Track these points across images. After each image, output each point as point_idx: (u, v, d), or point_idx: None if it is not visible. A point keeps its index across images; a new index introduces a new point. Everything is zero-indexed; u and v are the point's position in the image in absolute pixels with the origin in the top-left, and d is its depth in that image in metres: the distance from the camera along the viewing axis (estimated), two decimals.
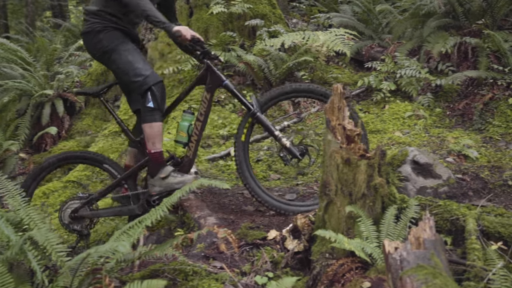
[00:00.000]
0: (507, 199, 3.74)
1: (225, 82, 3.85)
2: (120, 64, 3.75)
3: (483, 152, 4.56)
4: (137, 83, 3.69)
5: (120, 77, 3.85)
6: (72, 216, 3.89)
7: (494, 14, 6.23)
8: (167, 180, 3.77)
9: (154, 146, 3.75)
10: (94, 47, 3.82)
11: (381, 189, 2.98)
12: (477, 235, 2.88)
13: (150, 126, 3.72)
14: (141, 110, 3.78)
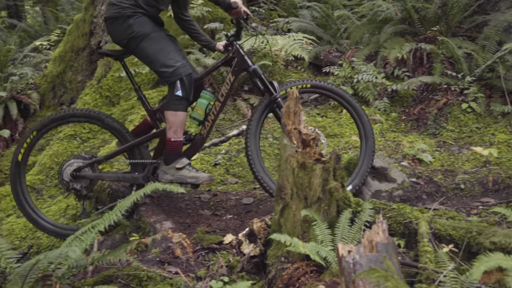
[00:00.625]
0: (459, 202, 3.82)
1: (254, 67, 3.87)
2: (150, 52, 3.70)
3: (437, 156, 4.65)
4: (166, 73, 3.68)
5: (146, 64, 3.82)
6: (74, 174, 3.85)
7: (449, 21, 6.37)
8: (182, 172, 3.77)
9: (176, 135, 3.73)
10: (122, 33, 3.72)
11: (336, 193, 3.00)
12: (429, 238, 2.94)
13: (174, 115, 3.70)
14: (167, 97, 3.75)
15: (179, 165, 3.77)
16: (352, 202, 3.16)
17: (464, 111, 5.36)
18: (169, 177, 3.78)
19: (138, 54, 3.79)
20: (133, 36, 3.69)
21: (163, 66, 3.68)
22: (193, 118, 3.96)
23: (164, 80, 3.76)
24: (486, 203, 3.66)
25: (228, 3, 3.66)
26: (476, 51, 5.85)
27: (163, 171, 3.80)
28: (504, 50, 5.26)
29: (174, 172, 3.77)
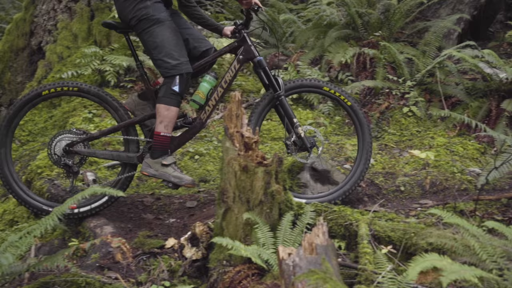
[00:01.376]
0: (399, 204, 3.91)
1: (259, 58, 3.86)
2: (159, 39, 3.62)
3: (378, 159, 4.74)
4: (167, 64, 3.62)
5: (150, 53, 3.71)
6: (66, 149, 3.76)
7: (391, 26, 6.52)
8: (167, 169, 3.70)
9: (166, 130, 3.66)
10: (135, 11, 3.61)
11: (278, 196, 3.02)
12: (369, 240, 2.99)
13: (168, 109, 3.64)
14: (162, 91, 3.67)
15: (166, 161, 3.71)
16: (294, 205, 3.19)
17: (405, 115, 5.49)
18: (153, 171, 3.71)
19: (145, 36, 3.67)
20: (147, 17, 3.61)
21: (168, 56, 3.62)
22: (194, 101, 3.92)
23: (163, 70, 3.67)
24: (424, 204, 3.76)
25: None
26: (417, 56, 6.00)
27: (148, 164, 3.73)
28: (443, 55, 5.41)
29: (159, 167, 3.70)
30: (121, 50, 5.96)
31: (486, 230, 2.90)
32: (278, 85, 3.85)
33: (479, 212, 3.40)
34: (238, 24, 3.90)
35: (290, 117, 3.87)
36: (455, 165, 4.46)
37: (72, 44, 6.03)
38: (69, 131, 3.83)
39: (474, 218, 3.31)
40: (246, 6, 3.75)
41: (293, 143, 3.84)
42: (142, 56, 5.32)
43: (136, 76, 5.82)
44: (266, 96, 3.91)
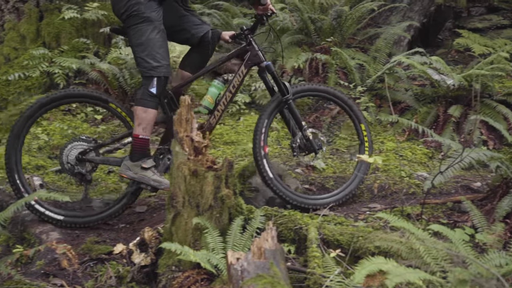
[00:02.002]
0: (348, 208, 3.94)
1: (267, 63, 3.89)
2: (145, 38, 3.59)
3: (329, 163, 4.78)
4: (147, 64, 3.59)
5: (132, 45, 3.67)
6: (79, 158, 3.72)
7: (343, 32, 6.60)
8: (146, 172, 3.64)
9: (144, 132, 3.62)
10: (126, 6, 3.58)
11: (228, 200, 3.01)
12: (318, 244, 3.01)
13: (145, 111, 3.60)
14: (140, 93, 3.65)
15: (146, 165, 3.65)
16: (245, 210, 3.19)
17: None
18: (132, 174, 3.65)
19: (132, 32, 3.63)
20: (138, 14, 3.58)
21: (150, 57, 3.59)
22: (204, 106, 3.93)
23: (142, 69, 3.64)
24: (373, 208, 3.81)
25: (258, 0, 3.71)
26: (368, 62, 6.10)
27: (127, 166, 3.66)
28: (393, 62, 5.51)
29: (138, 170, 3.65)
30: (70, 52, 5.87)
31: (432, 233, 2.97)
32: (286, 89, 3.88)
33: (426, 216, 3.47)
34: (245, 29, 3.90)
35: (298, 120, 3.94)
36: (403, 169, 4.54)
37: (20, 45, 5.91)
38: (80, 139, 3.80)
39: (421, 222, 3.37)
40: (261, 12, 3.81)
41: (298, 146, 3.91)
42: None
43: (86, 79, 5.74)
44: (274, 100, 3.93)
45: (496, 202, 3.39)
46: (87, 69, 5.63)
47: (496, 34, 7.67)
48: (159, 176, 3.68)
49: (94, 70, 5.61)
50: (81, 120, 5.42)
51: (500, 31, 7.82)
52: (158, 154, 3.81)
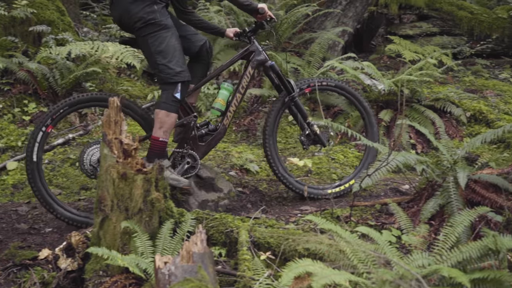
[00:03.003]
0: (281, 210, 3.97)
1: (271, 63, 4.08)
2: (164, 45, 3.64)
3: (263, 166, 4.80)
4: (170, 71, 3.65)
5: (150, 52, 3.69)
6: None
7: (278, 36, 6.65)
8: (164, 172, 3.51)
9: (164, 135, 3.69)
10: (141, 14, 3.60)
11: (158, 203, 2.98)
12: (249, 246, 3.01)
13: (168, 115, 3.67)
14: (163, 97, 3.71)
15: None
16: (175, 213, 3.16)
17: (290, 123, 5.62)
18: None
19: (150, 40, 3.65)
20: (155, 22, 3.62)
21: (172, 63, 3.65)
22: (216, 108, 4.05)
23: (165, 76, 3.67)
24: (304, 211, 3.85)
25: (255, 9, 3.90)
26: (303, 66, 6.17)
27: None
28: (326, 66, 5.59)
29: None
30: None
31: (360, 235, 3.03)
32: (291, 87, 4.08)
33: (355, 218, 3.53)
34: (248, 31, 4.05)
35: (304, 116, 4.16)
36: (335, 172, 4.62)
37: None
38: (93, 143, 3.78)
39: (350, 224, 3.43)
40: (260, 19, 3.99)
41: (307, 139, 4.12)
42: None
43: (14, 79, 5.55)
44: (280, 98, 4.14)
45: (422, 204, 3.49)
46: (14, 68, 5.44)
47: (426, 41, 7.94)
48: (176, 175, 3.74)
49: (22, 69, 5.42)
50: (8, 121, 5.23)
51: (430, 38, 8.11)
52: (177, 158, 3.90)
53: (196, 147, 3.91)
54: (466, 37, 8.08)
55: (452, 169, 3.42)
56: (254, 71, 4.10)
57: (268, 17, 3.99)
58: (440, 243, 2.64)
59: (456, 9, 8.05)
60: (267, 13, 3.95)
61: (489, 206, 3.17)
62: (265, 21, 4.01)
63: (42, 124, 3.67)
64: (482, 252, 2.45)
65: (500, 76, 6.96)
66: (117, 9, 3.74)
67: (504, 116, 5.36)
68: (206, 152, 4.00)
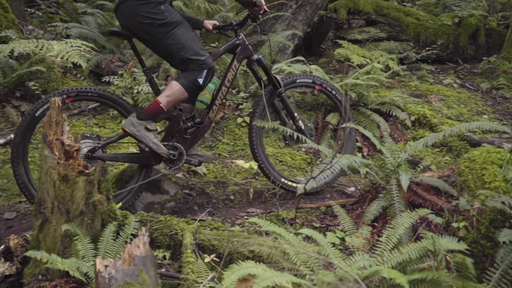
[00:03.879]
0: (228, 212, 3.97)
1: (258, 57, 4.14)
2: (182, 40, 3.71)
3: (211, 168, 4.79)
4: (197, 62, 3.72)
5: (171, 51, 3.75)
6: (88, 155, 3.68)
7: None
8: (148, 133, 3.75)
9: (166, 104, 3.72)
10: (151, 16, 3.65)
11: (101, 206, 2.92)
12: (193, 249, 2.99)
13: (180, 90, 3.73)
14: (186, 74, 3.76)
15: (150, 126, 3.75)
16: (119, 215, 3.11)
17: (239, 125, 5.62)
18: (134, 131, 3.73)
19: (167, 41, 3.71)
20: (166, 22, 3.68)
21: (196, 54, 3.73)
22: (201, 101, 3.98)
23: (194, 68, 3.74)
24: (251, 213, 3.85)
25: (252, 2, 3.92)
26: None
27: (132, 122, 3.73)
28: (275, 69, 5.62)
29: (141, 129, 3.74)
30: None
31: (304, 237, 3.05)
32: (278, 83, 4.16)
33: (300, 220, 3.56)
34: (234, 24, 4.10)
35: (291, 111, 4.25)
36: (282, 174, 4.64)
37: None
38: (86, 137, 3.75)
39: (295, 226, 3.46)
40: (255, 12, 4.04)
41: (290, 135, 4.04)
42: None
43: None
44: (266, 94, 4.15)
45: (366, 206, 3.54)
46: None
47: (374, 46, 8.08)
48: (158, 141, 3.79)
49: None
50: None
51: (378, 43, 8.25)
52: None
53: (182, 140, 3.93)
54: (412, 43, 8.26)
55: (395, 172, 3.48)
56: (239, 65, 4.13)
57: (263, 10, 4.03)
58: (382, 245, 2.68)
59: (403, 15, 8.23)
60: (263, 6, 3.98)
61: (430, 208, 3.25)
62: (260, 14, 4.08)
63: None
64: (421, 253, 2.50)
65: (444, 81, 7.14)
66: (124, 16, 3.76)
67: (446, 121, 5.50)
68: (191, 145, 4.01)
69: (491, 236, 2.86)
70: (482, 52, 7.95)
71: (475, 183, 3.19)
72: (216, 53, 4.18)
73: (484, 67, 7.40)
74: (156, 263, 2.65)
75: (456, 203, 3.15)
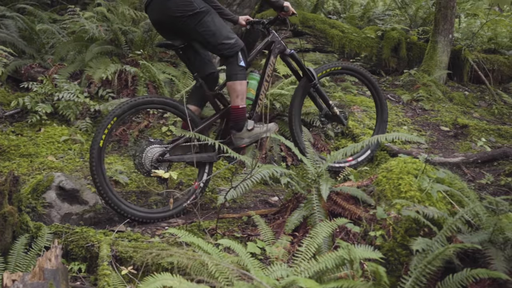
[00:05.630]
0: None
1: (291, 51, 4.54)
2: (212, 27, 3.95)
3: (134, 177, 4.69)
4: (228, 45, 3.98)
5: (205, 39, 3.98)
6: (160, 159, 3.95)
7: (154, 46, 6.56)
8: (254, 131, 4.15)
9: (241, 101, 4.06)
10: (181, 8, 3.86)
11: (11, 217, 2.81)
12: (110, 261, 2.91)
13: (241, 84, 4.03)
14: (230, 70, 4.04)
15: (250, 126, 4.14)
16: (31, 227, 2.99)
17: (164, 134, 5.53)
18: (247, 140, 4.15)
19: (200, 29, 3.94)
20: (197, 11, 3.89)
21: (227, 38, 3.98)
22: (247, 98, 4.25)
23: (227, 51, 3.99)
24: (172, 223, 3.79)
25: (281, 6, 4.28)
26: (178, 77, 6.12)
27: (239, 137, 4.13)
28: None
29: (248, 134, 4.15)
30: None
31: (225, 247, 3.03)
32: (312, 75, 4.53)
33: (221, 230, 3.53)
34: (266, 23, 4.40)
35: (326, 99, 4.71)
36: None
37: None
38: (151, 142, 4.03)
39: (216, 236, 3.43)
40: (283, 16, 4.38)
41: (326, 119, 4.74)
42: None
43: None
44: (301, 86, 4.61)
45: (287, 216, 3.56)
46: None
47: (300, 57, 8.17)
48: (264, 125, 4.20)
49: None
50: None
51: (304, 54, 8.37)
52: None
53: None
54: (337, 55, 8.43)
55: (316, 181, 3.52)
56: (276, 60, 4.45)
57: (291, 13, 4.35)
58: (301, 254, 2.70)
59: (329, 27, 8.39)
60: (291, 11, 4.34)
61: (349, 217, 3.30)
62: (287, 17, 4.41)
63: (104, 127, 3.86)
64: (338, 262, 2.53)
65: (367, 92, 7.31)
66: (156, 12, 3.99)
67: (368, 131, 5.62)
68: None
69: (406, 245, 2.93)
70: (404, 65, 8.21)
71: (392, 193, 3.26)
72: (253, 51, 4.46)
73: (405, 80, 7.64)
74: (68, 277, 2.55)
75: (373, 212, 3.21)
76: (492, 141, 5.81)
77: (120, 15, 6.57)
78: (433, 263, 2.57)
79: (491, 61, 8.23)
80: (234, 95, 4.05)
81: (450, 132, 6.10)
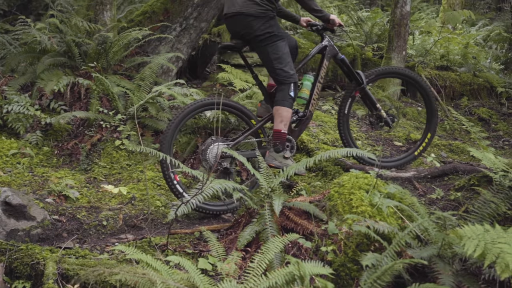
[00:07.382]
0: (99, 239, 3.80)
1: (342, 56, 4.86)
2: (280, 53, 4.33)
3: (84, 192, 4.59)
4: (286, 74, 4.33)
5: (271, 63, 4.35)
6: (223, 155, 4.25)
7: (109, 59, 6.48)
8: (287, 161, 4.39)
9: (284, 127, 4.35)
10: (262, 30, 4.26)
11: None
12: (56, 279, 2.83)
13: (287, 111, 4.34)
14: (281, 96, 4.34)
15: (287, 155, 4.43)
16: None
17: (117, 148, 5.46)
18: (277, 163, 4.34)
19: (269, 49, 4.31)
20: (275, 34, 4.30)
21: (288, 67, 4.34)
22: (301, 97, 4.69)
23: (282, 78, 4.34)
24: (123, 239, 3.72)
25: (328, 19, 4.62)
26: (132, 90, 6.04)
27: (273, 157, 4.37)
28: (154, 92, 5.53)
29: (282, 160, 4.38)
30: None
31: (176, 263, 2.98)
32: (361, 79, 4.86)
33: (173, 246, 3.48)
34: (320, 28, 4.74)
35: (373, 102, 4.99)
36: (159, 198, 4.55)
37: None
38: (216, 140, 4.34)
39: (167, 252, 3.37)
40: (330, 27, 4.70)
41: (375, 120, 5.02)
42: None
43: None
44: (351, 88, 4.94)
45: (239, 231, 3.53)
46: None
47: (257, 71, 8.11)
48: (292, 162, 4.39)
49: None
50: None
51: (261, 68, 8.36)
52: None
53: (291, 132, 4.59)
54: None
55: (269, 196, 3.51)
56: (329, 63, 4.79)
57: (338, 24, 4.65)
58: (252, 270, 2.68)
59: None
60: (338, 22, 4.65)
61: (302, 232, 3.30)
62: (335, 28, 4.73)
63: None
64: (288, 278, 2.52)
65: (323, 107, 7.38)
66: (238, 25, 4.34)
67: (322, 146, 5.66)
68: (299, 135, 4.73)
69: (357, 259, 2.94)
70: None
71: (344, 208, 3.28)
72: (308, 54, 4.80)
73: None
74: None
75: (325, 227, 3.21)
76: (444, 156, 5.93)
77: (73, 26, 6.46)
78: (382, 278, 2.59)
79: (443, 78, 8.43)
80: (278, 119, 4.34)
81: (403, 147, 6.20)
